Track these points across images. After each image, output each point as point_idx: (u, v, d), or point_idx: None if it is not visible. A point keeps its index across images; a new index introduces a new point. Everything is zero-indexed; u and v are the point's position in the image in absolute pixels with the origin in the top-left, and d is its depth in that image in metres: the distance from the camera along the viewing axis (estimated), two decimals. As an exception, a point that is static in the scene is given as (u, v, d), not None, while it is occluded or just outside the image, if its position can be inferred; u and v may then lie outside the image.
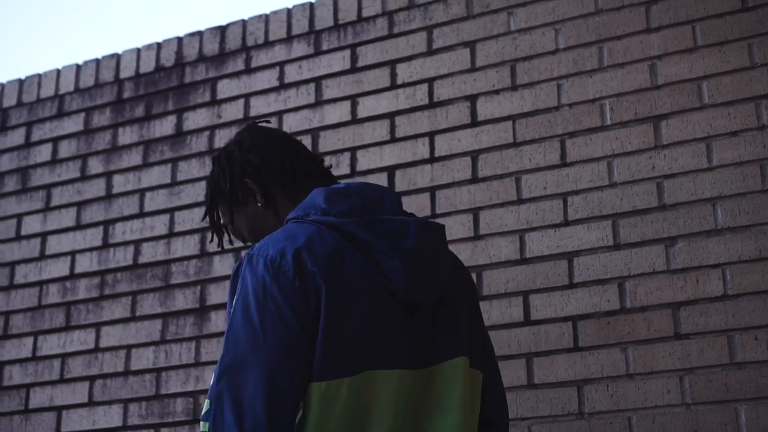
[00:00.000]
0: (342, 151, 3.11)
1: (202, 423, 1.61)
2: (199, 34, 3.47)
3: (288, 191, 1.96)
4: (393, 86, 3.10)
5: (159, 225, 3.31)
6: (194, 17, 11.47)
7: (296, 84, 3.25)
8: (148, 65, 3.52)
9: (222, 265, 3.16)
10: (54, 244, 3.46)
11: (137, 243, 3.32)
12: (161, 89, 3.46)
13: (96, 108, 3.56)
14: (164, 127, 3.41)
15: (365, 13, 3.21)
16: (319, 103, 3.20)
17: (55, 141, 3.59)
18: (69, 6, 11.25)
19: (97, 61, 3.61)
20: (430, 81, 3.05)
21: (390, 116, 3.08)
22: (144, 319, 3.23)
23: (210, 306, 3.15)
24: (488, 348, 1.97)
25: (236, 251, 3.16)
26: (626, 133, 2.75)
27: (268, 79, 3.30)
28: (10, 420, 3.33)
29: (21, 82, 3.73)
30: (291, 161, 1.97)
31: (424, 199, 2.95)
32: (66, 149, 3.56)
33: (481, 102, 2.96)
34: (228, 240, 2.05)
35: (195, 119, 3.37)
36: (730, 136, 2.63)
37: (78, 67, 3.64)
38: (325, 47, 3.24)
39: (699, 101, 2.70)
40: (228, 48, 3.40)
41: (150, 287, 3.25)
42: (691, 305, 2.56)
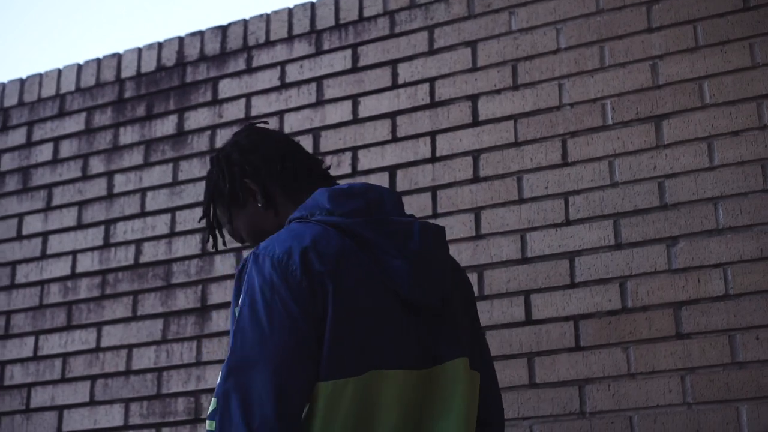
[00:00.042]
0: (343, 151, 3.11)
1: (209, 422, 1.61)
2: (201, 34, 3.47)
3: (288, 191, 1.95)
4: (394, 86, 3.10)
5: (160, 224, 3.31)
6: (195, 17, 11.47)
7: (297, 84, 3.25)
8: (150, 65, 3.52)
9: (223, 265, 3.16)
10: (55, 244, 3.46)
11: (138, 242, 3.33)
12: (162, 89, 3.47)
13: (97, 107, 3.56)
14: (165, 127, 3.41)
15: (366, 13, 3.21)
16: (321, 103, 3.20)
17: (57, 140, 3.59)
18: (69, 6, 11.25)
19: (98, 61, 3.62)
20: (432, 81, 3.05)
21: (391, 116, 3.08)
22: (145, 319, 3.23)
23: (211, 305, 3.15)
24: (485, 349, 1.97)
25: (237, 251, 3.16)
26: (627, 133, 2.75)
27: (270, 79, 3.30)
28: (12, 419, 3.33)
29: (22, 82, 3.73)
30: (291, 161, 1.97)
31: (426, 199, 2.95)
32: (67, 149, 3.56)
33: (483, 102, 2.96)
34: (222, 242, 2.05)
35: (196, 119, 3.37)
36: (732, 136, 2.64)
37: (79, 67, 3.64)
38: (327, 47, 3.24)
39: (700, 101, 2.70)
40: (229, 48, 3.40)
41: (151, 287, 3.25)
42: (693, 305, 2.56)
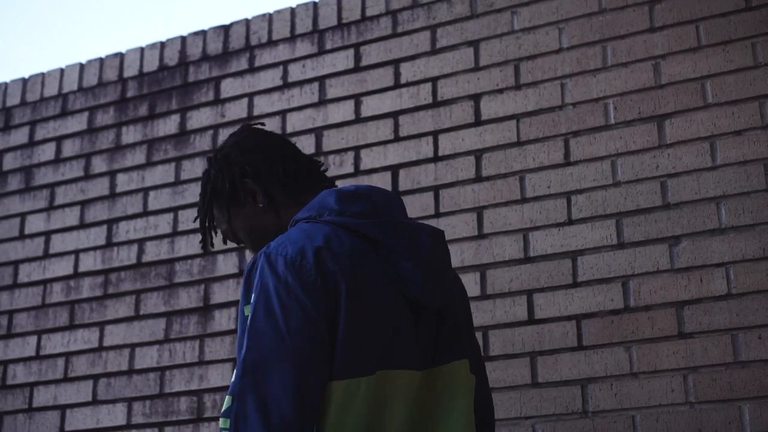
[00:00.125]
0: (346, 151, 3.11)
1: (222, 420, 1.61)
2: (203, 34, 3.47)
3: (289, 192, 1.95)
4: (397, 85, 3.10)
5: (163, 224, 3.31)
6: (197, 17, 11.47)
7: (300, 83, 3.25)
8: (152, 64, 3.52)
9: (226, 264, 3.16)
10: (58, 243, 3.46)
11: (141, 242, 3.33)
12: (165, 88, 3.47)
13: (99, 107, 3.56)
14: (168, 126, 3.42)
15: (369, 13, 3.21)
16: (323, 103, 3.20)
17: (59, 140, 3.59)
18: (70, 5, 11.25)
19: (101, 60, 3.62)
20: (434, 80, 3.05)
21: (394, 115, 3.08)
22: (148, 318, 3.24)
23: (214, 305, 3.15)
24: (479, 352, 2.00)
25: (239, 251, 3.16)
26: (630, 133, 2.75)
27: (272, 79, 3.30)
28: (14, 419, 3.33)
29: (24, 81, 3.74)
30: (291, 162, 1.97)
31: (428, 198, 2.95)
32: (69, 148, 3.56)
33: (485, 101, 2.96)
34: (211, 242, 2.05)
35: (198, 118, 3.38)
36: (734, 136, 2.64)
37: (81, 66, 3.64)
38: (329, 46, 3.25)
39: (703, 100, 2.70)
40: (231, 47, 3.40)
41: (154, 286, 3.26)
42: (695, 304, 2.56)
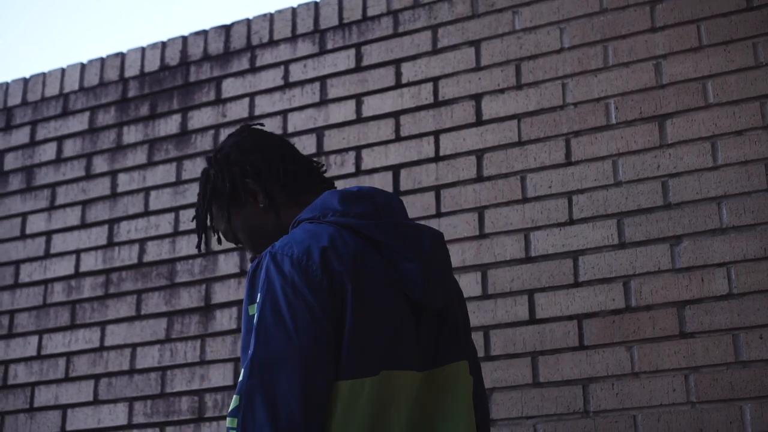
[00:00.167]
0: (347, 150, 3.11)
1: (230, 419, 1.60)
2: (204, 34, 3.47)
3: (289, 192, 1.95)
4: (398, 85, 3.10)
5: (164, 224, 3.31)
6: (198, 17, 11.48)
7: (301, 83, 3.26)
8: (153, 64, 3.52)
9: (227, 264, 3.16)
10: (59, 243, 3.47)
11: (142, 242, 3.33)
12: (166, 88, 3.47)
13: (101, 107, 3.56)
14: (169, 126, 3.42)
15: (370, 13, 3.22)
16: (324, 102, 3.20)
17: (60, 140, 3.59)
18: (70, 5, 11.25)
19: (102, 60, 3.62)
20: (435, 80, 3.05)
21: (395, 115, 3.08)
22: (149, 318, 3.24)
23: (215, 305, 3.15)
24: (475, 354, 2.00)
25: (241, 251, 3.16)
26: (631, 132, 2.75)
27: (273, 78, 3.31)
28: (15, 418, 3.33)
29: (26, 81, 3.74)
30: (291, 162, 1.97)
31: (429, 198, 2.95)
32: (71, 148, 3.56)
33: (486, 101, 2.96)
34: (205, 243, 2.05)
35: (200, 118, 3.38)
36: (735, 135, 2.64)
37: (83, 66, 3.64)
38: (330, 46, 3.25)
39: (704, 100, 2.70)
40: (233, 47, 3.41)
41: (155, 286, 3.26)
42: (696, 304, 2.56)
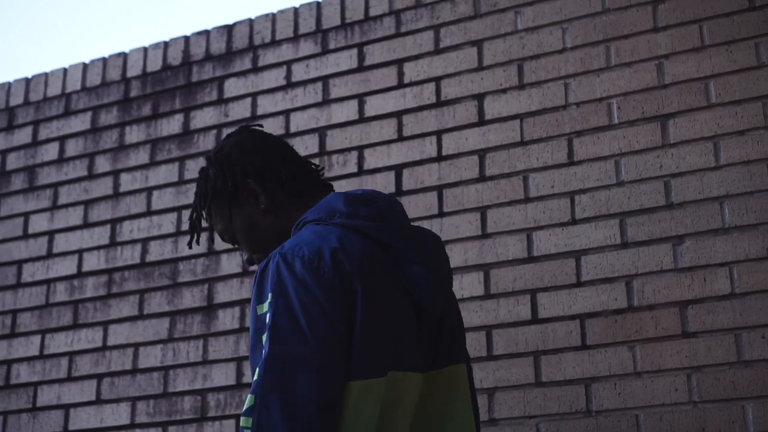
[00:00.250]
0: (349, 150, 3.12)
1: (244, 418, 1.61)
2: (206, 33, 3.47)
3: (288, 193, 1.95)
4: (400, 85, 3.11)
5: (166, 223, 3.32)
6: (200, 17, 11.48)
7: (303, 83, 3.26)
8: (155, 64, 3.52)
9: (229, 264, 3.17)
10: (61, 243, 3.47)
11: (144, 241, 3.33)
12: (168, 88, 3.47)
13: (103, 107, 3.57)
14: (171, 126, 3.42)
15: (372, 12, 3.22)
16: (327, 102, 3.20)
17: (62, 139, 3.60)
18: (70, 5, 11.26)
19: (104, 60, 3.62)
20: (438, 80, 3.06)
21: (397, 115, 3.08)
22: (151, 318, 3.24)
23: (217, 304, 3.15)
24: (469, 359, 2.01)
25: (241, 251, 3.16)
26: (633, 132, 2.76)
27: (275, 78, 3.31)
28: (18, 418, 3.34)
29: (28, 81, 3.74)
30: (291, 163, 1.98)
31: (432, 198, 2.95)
32: (73, 148, 3.56)
33: (489, 101, 2.97)
34: (197, 241, 2.05)
35: (202, 118, 3.38)
36: (737, 135, 2.64)
37: (85, 66, 3.65)
38: (333, 46, 3.25)
39: (706, 100, 2.70)
40: (235, 47, 3.41)
41: (157, 285, 3.26)
42: (699, 304, 2.56)
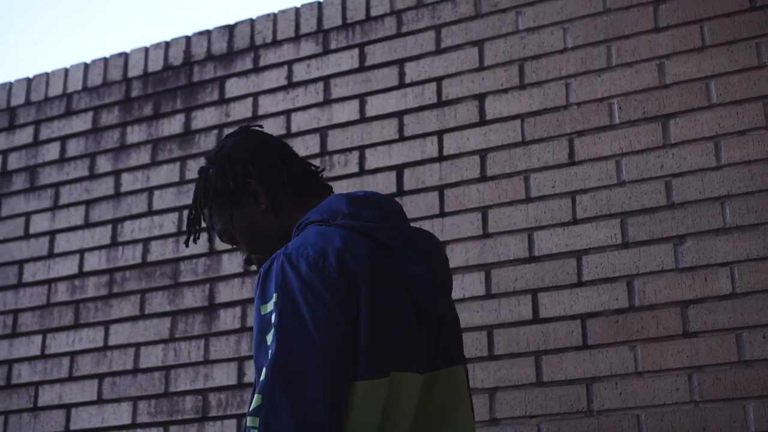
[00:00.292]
0: (350, 150, 3.12)
1: (251, 418, 1.60)
2: (208, 33, 3.48)
3: (290, 193, 1.95)
4: (401, 85, 3.11)
5: (167, 223, 3.32)
6: (201, 17, 11.48)
7: (304, 83, 3.26)
8: (157, 64, 3.52)
9: (230, 264, 3.17)
10: (62, 243, 3.47)
11: (146, 241, 3.34)
12: (169, 88, 3.47)
13: (104, 107, 3.57)
14: (172, 126, 3.42)
15: (373, 12, 3.22)
16: (328, 102, 3.21)
17: (64, 139, 3.60)
18: (71, 5, 11.26)
19: (105, 60, 3.62)
20: (439, 80, 3.06)
21: (398, 115, 3.09)
22: (153, 317, 3.24)
23: (219, 304, 3.16)
24: (465, 363, 2.01)
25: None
26: (634, 132, 2.76)
27: (277, 78, 3.31)
28: (19, 418, 3.34)
29: (29, 81, 3.74)
30: (291, 164, 1.98)
31: (433, 198, 2.96)
32: (74, 148, 3.57)
33: (490, 101, 2.97)
34: (194, 240, 2.05)
35: (203, 118, 3.38)
36: (738, 135, 2.64)
37: (86, 66, 3.65)
38: (334, 46, 3.25)
39: (707, 100, 2.71)
40: (236, 47, 3.41)
41: (159, 285, 3.26)
42: (700, 303, 2.57)
